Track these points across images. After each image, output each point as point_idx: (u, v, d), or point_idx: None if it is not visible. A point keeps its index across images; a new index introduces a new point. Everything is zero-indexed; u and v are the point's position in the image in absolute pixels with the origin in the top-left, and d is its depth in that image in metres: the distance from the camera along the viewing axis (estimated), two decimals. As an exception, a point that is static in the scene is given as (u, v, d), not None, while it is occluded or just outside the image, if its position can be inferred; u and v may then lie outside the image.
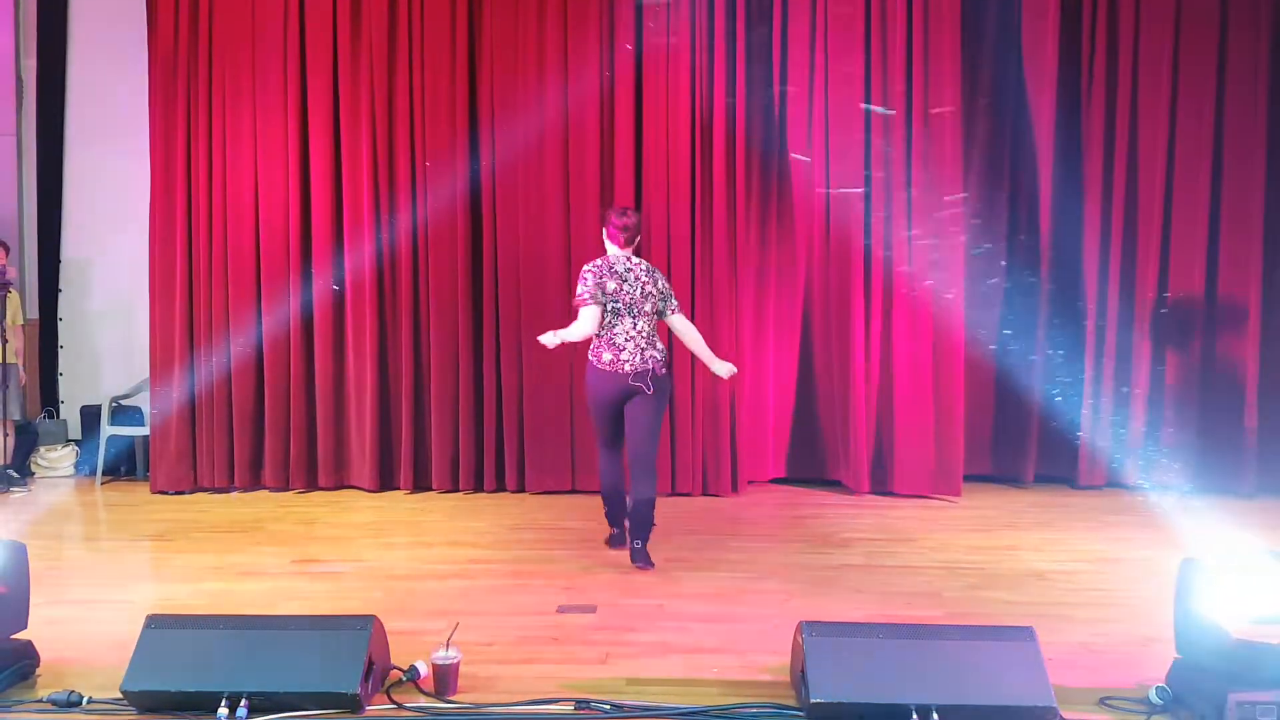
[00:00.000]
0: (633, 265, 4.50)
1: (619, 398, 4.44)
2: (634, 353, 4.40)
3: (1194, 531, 5.05)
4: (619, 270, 4.45)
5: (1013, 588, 4.23)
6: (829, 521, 5.35)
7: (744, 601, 4.06)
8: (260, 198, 6.00)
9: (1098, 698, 3.08)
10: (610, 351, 4.42)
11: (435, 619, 3.67)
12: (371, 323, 5.98)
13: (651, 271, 4.58)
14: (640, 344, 4.42)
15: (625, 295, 4.42)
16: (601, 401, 4.51)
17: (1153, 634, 3.44)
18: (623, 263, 4.48)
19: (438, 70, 5.92)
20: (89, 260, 6.83)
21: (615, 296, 4.41)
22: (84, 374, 6.83)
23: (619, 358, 4.40)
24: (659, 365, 4.45)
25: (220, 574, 4.49)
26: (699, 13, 5.82)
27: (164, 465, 6.02)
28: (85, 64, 6.76)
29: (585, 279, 4.43)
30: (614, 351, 4.41)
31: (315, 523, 5.41)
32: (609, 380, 4.42)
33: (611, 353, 4.42)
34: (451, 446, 6.01)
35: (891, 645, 3.02)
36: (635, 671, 3.34)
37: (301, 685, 2.94)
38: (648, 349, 4.43)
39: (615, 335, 4.42)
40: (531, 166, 5.91)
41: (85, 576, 4.54)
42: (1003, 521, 5.35)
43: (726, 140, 5.85)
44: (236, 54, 5.97)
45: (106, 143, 6.66)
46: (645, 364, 4.40)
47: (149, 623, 3.13)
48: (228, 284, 6.01)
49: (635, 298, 4.43)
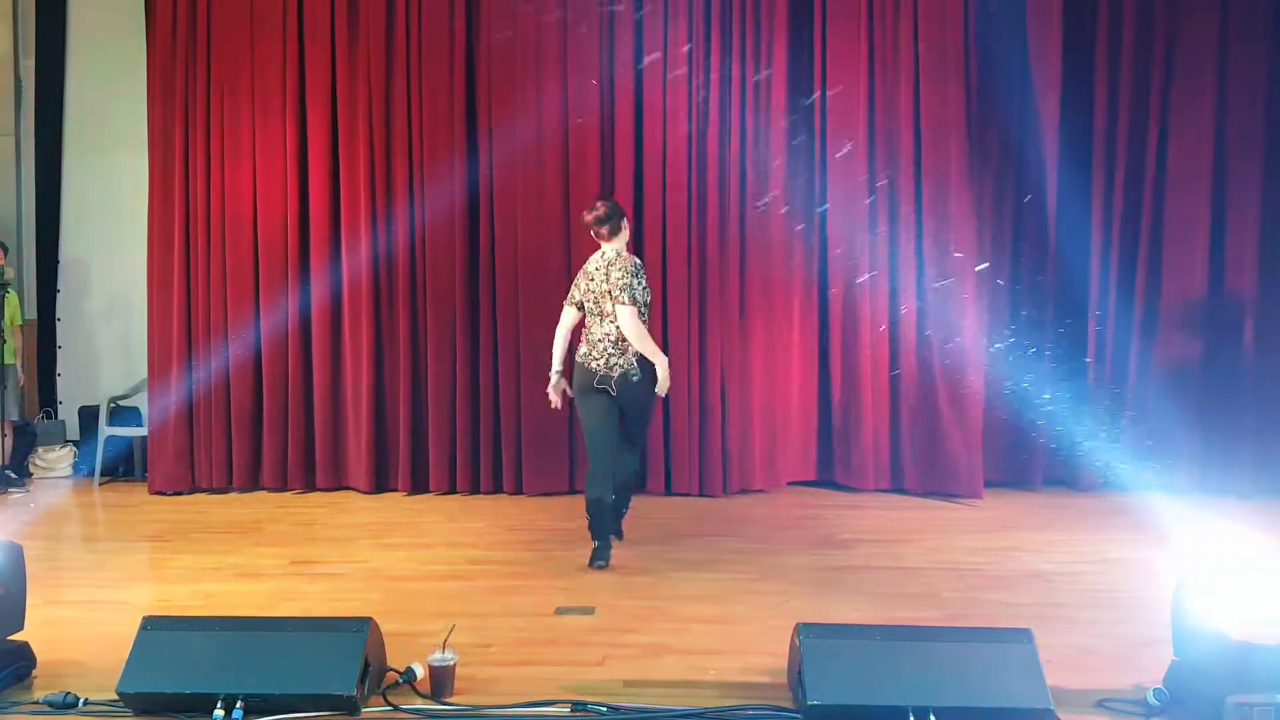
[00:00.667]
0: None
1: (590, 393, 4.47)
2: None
3: (1194, 533, 5.04)
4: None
5: (1013, 589, 4.22)
6: (828, 522, 5.35)
7: (742, 603, 4.05)
8: (258, 198, 6.01)
9: (1096, 699, 3.08)
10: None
11: (433, 620, 3.67)
12: (369, 324, 5.97)
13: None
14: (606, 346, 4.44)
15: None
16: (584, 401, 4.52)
17: (1153, 635, 3.42)
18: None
19: (436, 74, 5.91)
20: (87, 261, 6.82)
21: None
22: (82, 374, 6.83)
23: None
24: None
25: (218, 575, 4.49)
26: (696, 18, 5.81)
27: (162, 466, 6.02)
28: (84, 64, 6.75)
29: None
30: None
31: (313, 523, 5.41)
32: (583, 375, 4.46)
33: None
34: (449, 448, 6.00)
35: (888, 647, 3.01)
36: (632, 673, 3.33)
37: (297, 687, 2.94)
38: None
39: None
40: (530, 168, 5.90)
41: (83, 577, 4.54)
42: (1004, 523, 5.35)
43: (719, 144, 5.84)
44: (235, 54, 5.97)
45: (105, 143, 6.66)
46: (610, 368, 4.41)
47: (145, 624, 3.13)
48: (225, 284, 6.02)
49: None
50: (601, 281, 4.42)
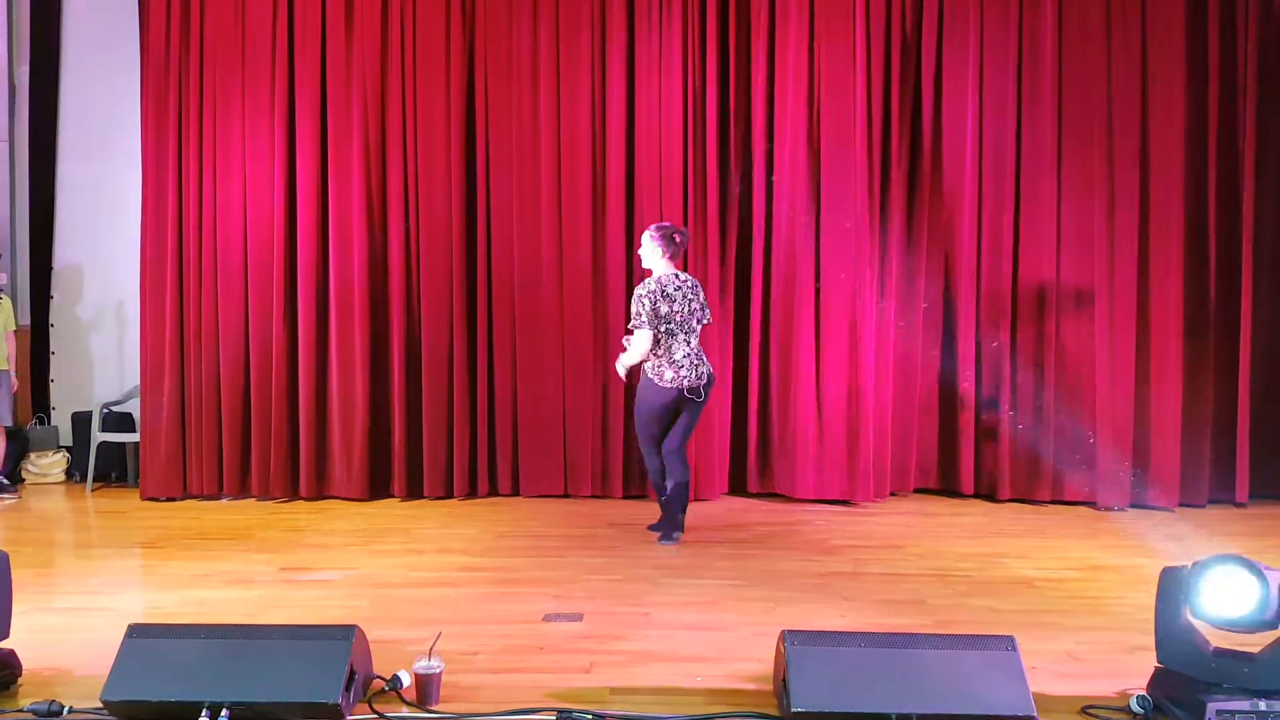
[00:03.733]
0: (681, 283, 4.87)
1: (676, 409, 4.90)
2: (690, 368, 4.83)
3: (1182, 540, 5.06)
4: (669, 291, 4.81)
5: (1000, 595, 4.23)
6: (817, 529, 5.36)
7: (731, 609, 4.05)
8: (250, 205, 6.02)
9: (1080, 706, 3.08)
10: (671, 370, 4.82)
11: (421, 628, 3.67)
12: (363, 329, 5.98)
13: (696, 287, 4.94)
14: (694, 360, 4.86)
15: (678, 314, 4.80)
16: (663, 413, 4.90)
17: (1138, 642, 3.44)
18: (673, 281, 4.85)
19: (431, 77, 5.94)
20: (81, 267, 6.83)
21: (669, 317, 4.79)
22: (75, 380, 6.84)
23: (679, 374, 4.81)
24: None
25: (208, 581, 4.49)
26: (691, 19, 5.83)
27: (154, 472, 6.03)
28: (78, 71, 6.77)
29: (643, 303, 4.78)
30: (674, 369, 4.82)
31: (304, 530, 5.41)
32: (671, 395, 4.84)
33: (673, 370, 4.81)
34: (445, 453, 6.01)
35: (873, 654, 3.01)
36: (619, 680, 3.33)
37: (282, 695, 2.93)
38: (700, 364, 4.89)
39: (674, 353, 4.81)
40: (526, 173, 5.93)
41: (73, 584, 4.53)
42: (992, 529, 5.36)
43: (720, 145, 5.87)
44: (228, 61, 5.98)
45: (99, 149, 6.68)
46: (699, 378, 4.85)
47: (130, 632, 3.12)
48: (218, 290, 6.03)
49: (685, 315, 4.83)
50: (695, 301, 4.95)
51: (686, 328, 4.83)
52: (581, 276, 5.94)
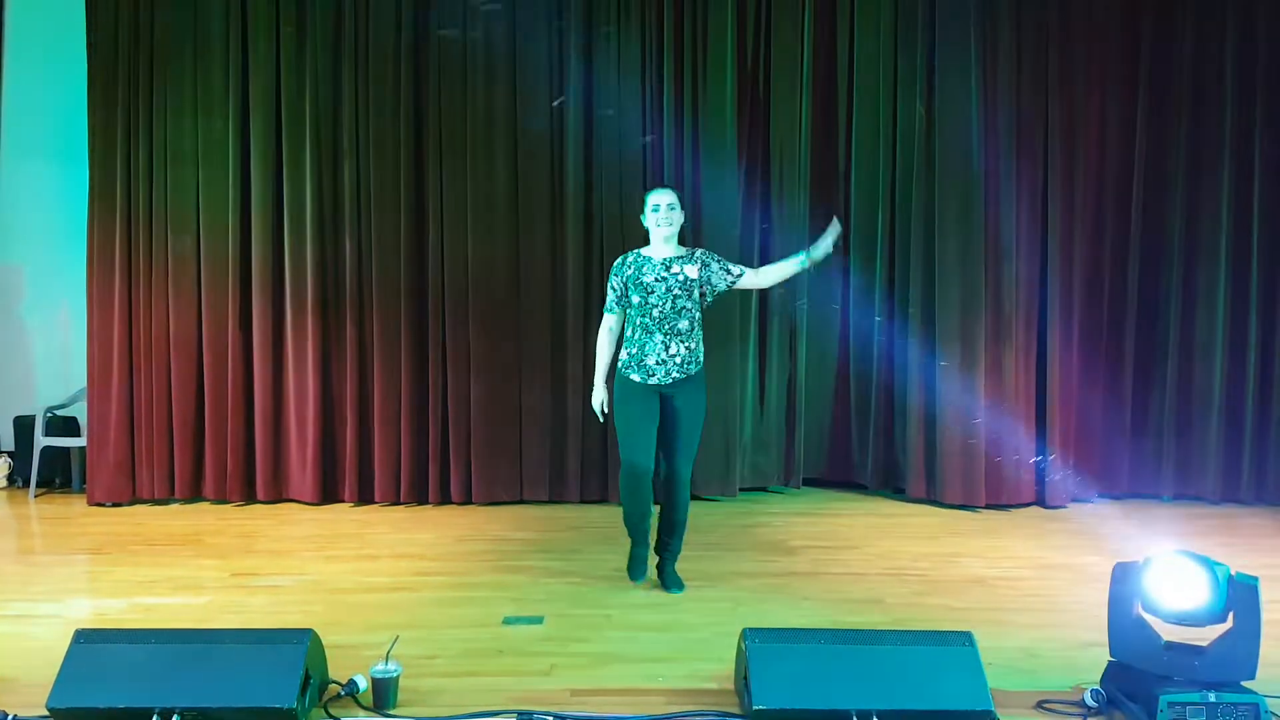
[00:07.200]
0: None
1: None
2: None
3: (1132, 537, 5.15)
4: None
5: (956, 594, 4.28)
6: (776, 529, 5.38)
7: (692, 610, 4.06)
8: (201, 205, 5.90)
9: (1036, 701, 3.13)
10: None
11: (377, 632, 3.62)
12: (315, 332, 5.89)
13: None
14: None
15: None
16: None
17: (1091, 638, 3.49)
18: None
19: (382, 77, 5.86)
20: (22, 268, 6.66)
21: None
22: (17, 383, 6.65)
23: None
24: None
25: (157, 587, 4.39)
26: (650, 29, 5.85)
27: (102, 476, 5.88)
28: (21, 68, 6.59)
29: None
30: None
31: (255, 535, 5.31)
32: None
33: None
34: (395, 458, 5.94)
35: (833, 651, 3.03)
36: (580, 682, 3.32)
37: (236, 700, 2.88)
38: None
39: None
40: (480, 174, 5.88)
41: (16, 591, 4.40)
42: (948, 529, 5.42)
43: (678, 148, 5.88)
44: (178, 58, 5.87)
45: (42, 148, 6.51)
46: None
47: (78, 637, 3.05)
48: (168, 292, 5.91)
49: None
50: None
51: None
52: (540, 276, 5.91)
